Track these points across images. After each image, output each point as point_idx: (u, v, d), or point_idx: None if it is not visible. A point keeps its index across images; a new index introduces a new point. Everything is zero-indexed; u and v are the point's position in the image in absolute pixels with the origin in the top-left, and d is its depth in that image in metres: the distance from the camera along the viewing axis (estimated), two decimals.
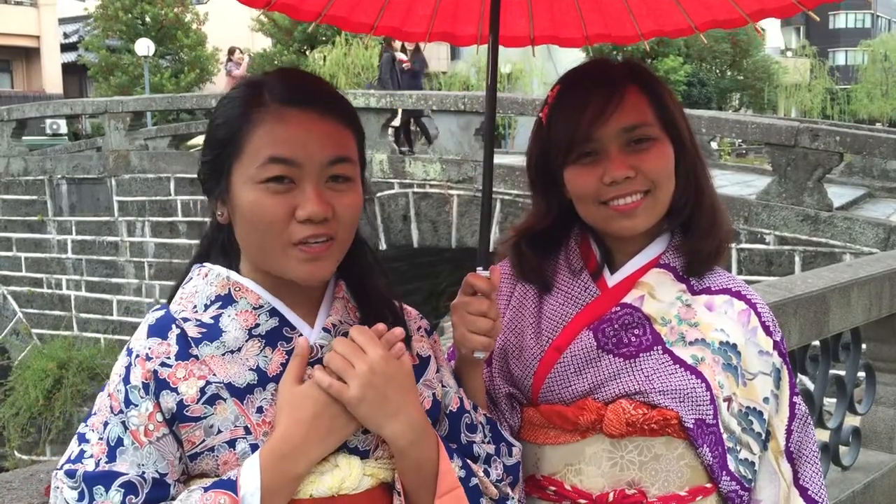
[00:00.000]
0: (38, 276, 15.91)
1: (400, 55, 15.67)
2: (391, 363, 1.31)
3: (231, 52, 18.36)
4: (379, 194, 12.41)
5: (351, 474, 1.30)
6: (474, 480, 1.39)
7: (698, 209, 1.60)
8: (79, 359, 14.43)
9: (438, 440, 1.37)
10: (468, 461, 1.42)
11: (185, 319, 1.33)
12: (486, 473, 1.45)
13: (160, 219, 14.44)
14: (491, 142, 1.70)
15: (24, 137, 17.02)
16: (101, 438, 1.27)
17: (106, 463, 1.24)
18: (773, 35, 53.98)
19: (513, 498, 1.49)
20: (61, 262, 15.63)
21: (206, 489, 1.22)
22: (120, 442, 1.25)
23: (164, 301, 1.43)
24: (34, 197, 15.71)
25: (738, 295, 1.63)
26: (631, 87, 1.55)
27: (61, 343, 15.03)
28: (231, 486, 1.21)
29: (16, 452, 14.62)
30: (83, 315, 15.53)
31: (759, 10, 1.76)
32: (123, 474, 1.23)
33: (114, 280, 15.12)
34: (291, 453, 1.24)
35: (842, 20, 62.77)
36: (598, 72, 1.61)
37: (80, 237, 15.36)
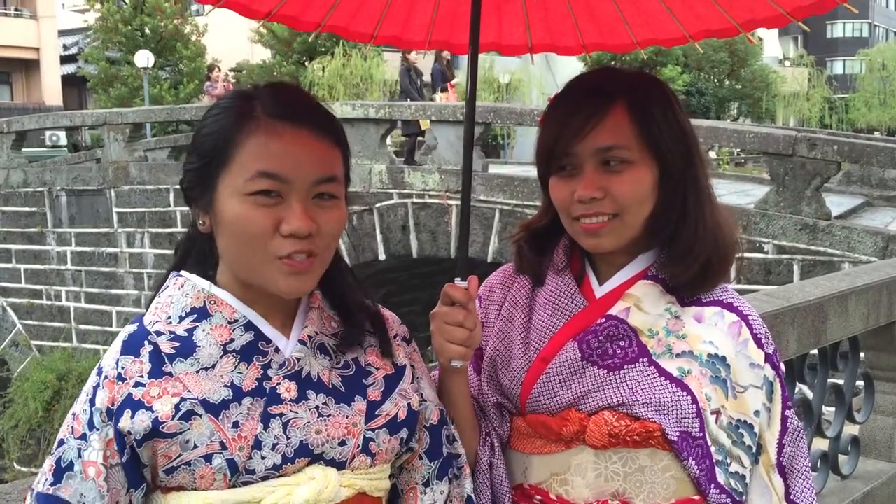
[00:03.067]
0: (38, 287, 15.91)
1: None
2: None
3: (210, 69, 18.25)
4: (378, 205, 12.43)
5: (328, 486, 1.31)
6: None
7: (680, 232, 1.56)
8: (78, 370, 14.40)
9: None
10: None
11: (159, 333, 1.33)
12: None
13: (159, 230, 14.45)
14: (470, 153, 1.73)
15: (23, 149, 17.06)
16: (52, 454, 1.28)
17: (51, 485, 1.25)
18: (771, 44, 54.13)
19: None
20: (61, 274, 15.64)
21: None
22: (70, 466, 1.26)
23: None
24: (34, 208, 15.73)
25: (730, 307, 1.61)
26: (618, 105, 1.52)
27: (61, 355, 15.03)
28: None
29: (15, 464, 14.59)
30: (82, 326, 15.53)
31: (749, 21, 1.78)
32: (65, 502, 1.24)
33: (113, 291, 15.12)
34: None
35: (839, 29, 62.95)
36: (591, 84, 1.59)
37: (79, 248, 15.37)
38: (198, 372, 1.30)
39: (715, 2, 1.74)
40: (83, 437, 1.27)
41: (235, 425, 1.29)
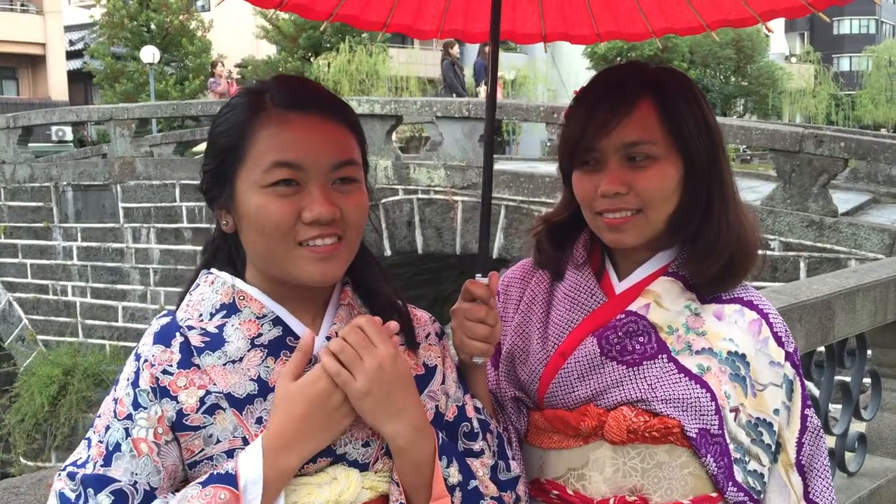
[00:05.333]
0: (44, 282, 15.93)
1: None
2: (399, 362, 1.31)
3: (213, 65, 18.19)
4: (383, 200, 12.42)
5: (349, 487, 1.30)
6: (474, 483, 1.39)
7: (704, 229, 1.55)
8: (84, 365, 14.43)
9: (436, 443, 1.36)
10: (468, 461, 1.41)
11: (190, 328, 1.33)
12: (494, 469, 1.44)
13: (165, 225, 14.46)
14: (491, 148, 1.72)
15: (29, 144, 17.06)
16: (100, 441, 1.28)
17: (101, 466, 1.25)
18: (778, 41, 53.94)
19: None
20: (67, 269, 15.66)
21: (203, 484, 1.22)
22: (118, 447, 1.26)
23: (169, 307, 1.44)
24: (40, 203, 15.75)
25: (750, 304, 1.60)
26: (644, 100, 1.52)
27: (67, 349, 15.05)
28: (230, 479, 1.22)
29: (21, 459, 14.62)
30: (88, 321, 15.55)
31: (769, 11, 1.77)
32: (116, 481, 1.23)
33: (119, 286, 15.14)
34: (285, 448, 1.24)
35: (846, 26, 62.70)
36: (617, 79, 1.58)
37: (85, 244, 15.39)
38: (224, 365, 1.30)
39: None
40: (129, 417, 1.27)
41: (259, 421, 1.29)
